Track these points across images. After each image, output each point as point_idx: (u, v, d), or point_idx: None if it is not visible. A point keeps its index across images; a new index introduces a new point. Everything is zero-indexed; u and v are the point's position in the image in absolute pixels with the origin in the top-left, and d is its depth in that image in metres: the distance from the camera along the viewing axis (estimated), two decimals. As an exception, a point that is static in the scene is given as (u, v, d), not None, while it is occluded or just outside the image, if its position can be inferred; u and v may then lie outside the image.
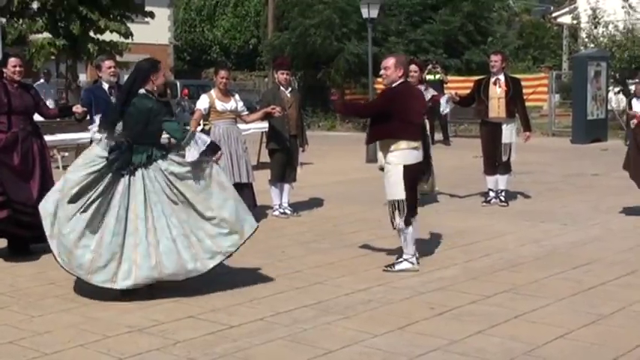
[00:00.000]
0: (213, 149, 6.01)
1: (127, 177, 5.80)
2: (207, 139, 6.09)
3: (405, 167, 6.45)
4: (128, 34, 18.53)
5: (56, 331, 5.02)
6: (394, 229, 6.60)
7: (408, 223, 6.52)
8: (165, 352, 4.61)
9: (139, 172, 5.82)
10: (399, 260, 6.60)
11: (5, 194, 6.95)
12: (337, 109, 9.43)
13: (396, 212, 6.49)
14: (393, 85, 6.58)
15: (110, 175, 5.79)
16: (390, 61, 6.61)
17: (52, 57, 19.87)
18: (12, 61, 7.19)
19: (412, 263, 6.56)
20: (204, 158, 5.90)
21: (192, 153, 5.81)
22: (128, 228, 5.72)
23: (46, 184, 7.23)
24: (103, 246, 5.67)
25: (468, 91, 10.11)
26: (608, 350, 4.54)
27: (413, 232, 6.60)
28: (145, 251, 5.66)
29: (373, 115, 6.86)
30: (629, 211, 9.16)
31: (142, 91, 6.03)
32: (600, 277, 6.25)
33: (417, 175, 6.69)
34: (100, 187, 5.77)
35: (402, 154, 6.47)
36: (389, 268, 6.56)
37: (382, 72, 6.69)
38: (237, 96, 9.02)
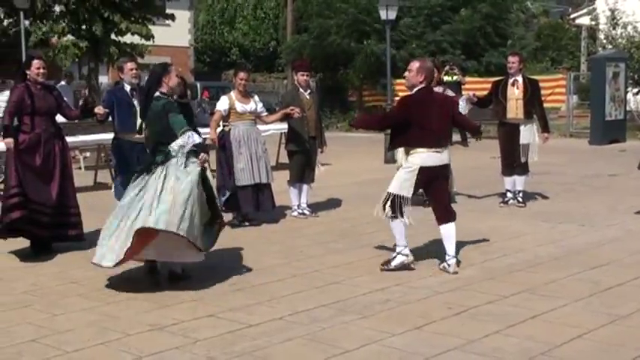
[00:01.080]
0: (199, 151, 6.22)
1: (146, 175, 6.16)
2: (199, 141, 6.28)
3: (422, 168, 6.45)
4: (149, 36, 18.60)
5: (78, 330, 5.05)
6: (383, 216, 6.54)
7: (395, 217, 6.51)
8: (185, 351, 4.63)
9: (158, 169, 6.13)
10: (393, 256, 6.60)
11: (24, 195, 7.00)
12: (356, 125, 9.42)
13: (389, 203, 6.47)
14: (413, 92, 6.58)
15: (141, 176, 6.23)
16: (414, 65, 6.64)
17: (76, 59, 20.01)
18: (36, 62, 7.21)
19: (406, 255, 6.56)
20: (192, 159, 6.18)
21: (176, 142, 6.12)
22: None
23: (66, 185, 7.30)
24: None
25: (485, 93, 10.06)
26: (627, 350, 4.50)
27: (402, 227, 6.54)
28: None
29: (392, 126, 6.88)
30: (647, 212, 9.10)
31: (157, 94, 6.33)
32: (618, 277, 6.20)
33: (433, 177, 6.65)
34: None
35: (420, 156, 6.48)
36: (385, 267, 6.56)
37: (406, 73, 6.71)
38: (256, 97, 9.03)
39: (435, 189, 6.68)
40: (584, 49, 29.61)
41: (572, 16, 32.52)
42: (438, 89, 8.79)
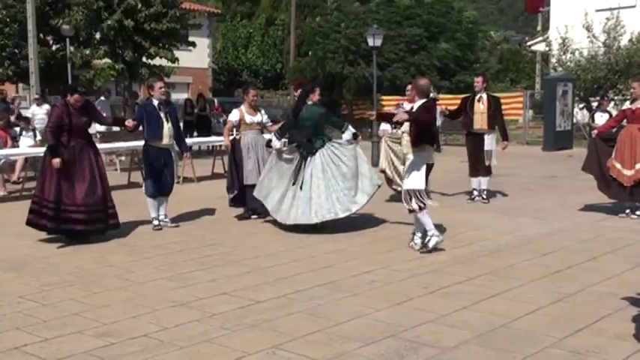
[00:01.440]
0: (355, 137, 7.99)
1: (308, 158, 7.66)
2: (352, 130, 8.06)
3: (427, 165, 6.67)
4: (174, 59, 18.58)
5: (113, 305, 5.04)
6: (410, 212, 6.67)
7: (422, 207, 6.60)
8: (203, 323, 4.61)
9: (317, 153, 7.66)
10: (428, 239, 6.63)
11: (57, 209, 7.03)
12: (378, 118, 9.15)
13: (413, 199, 6.59)
14: (427, 101, 6.77)
15: (297, 158, 7.74)
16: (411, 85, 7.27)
17: (112, 78, 20.00)
18: (76, 96, 7.25)
19: (437, 236, 6.63)
20: (352, 141, 7.89)
21: (348, 133, 7.98)
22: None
23: (102, 184, 7.31)
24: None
25: (456, 107, 10.05)
26: (573, 323, 4.49)
27: (428, 214, 6.65)
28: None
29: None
30: (589, 207, 9.09)
31: (309, 102, 7.88)
32: (565, 262, 6.20)
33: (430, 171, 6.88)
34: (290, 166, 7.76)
35: (427, 154, 6.66)
36: (424, 249, 6.64)
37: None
38: (262, 111, 9.01)
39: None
40: (539, 71, 29.61)
41: (528, 43, 32.47)
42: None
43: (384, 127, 9.80)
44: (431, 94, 6.94)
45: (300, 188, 7.63)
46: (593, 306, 4.87)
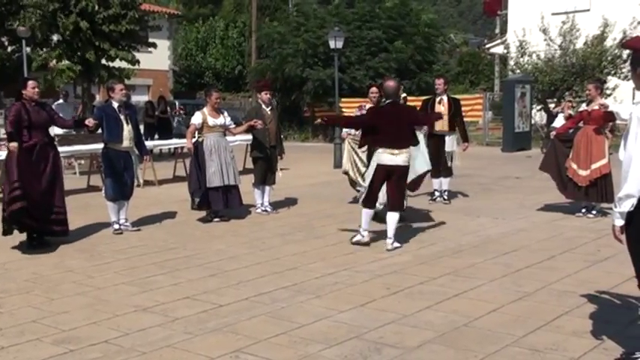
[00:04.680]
0: None
1: None
2: None
3: (378, 165, 6.75)
4: (134, 61, 18.37)
5: (73, 312, 4.94)
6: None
7: (364, 205, 6.89)
8: (166, 328, 4.55)
9: None
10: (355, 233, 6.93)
11: (23, 188, 6.84)
12: (327, 122, 9.20)
13: (363, 195, 6.95)
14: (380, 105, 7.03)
15: None
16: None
17: (71, 81, 19.67)
18: (30, 83, 7.15)
19: (362, 236, 6.88)
20: None
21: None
22: None
23: (55, 187, 7.17)
24: None
25: (417, 109, 10.12)
26: (533, 321, 4.56)
27: (367, 215, 6.90)
28: None
29: (358, 127, 7.50)
30: (548, 207, 9.25)
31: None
32: (525, 261, 6.29)
33: (386, 174, 6.82)
34: None
35: (377, 155, 6.79)
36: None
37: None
38: (225, 113, 8.96)
39: (388, 184, 6.89)
40: (498, 74, 30.08)
41: (487, 45, 32.95)
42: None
43: (347, 129, 9.81)
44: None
45: None
46: (551, 304, 4.95)
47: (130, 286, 5.60)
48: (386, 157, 6.75)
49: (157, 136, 18.57)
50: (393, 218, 6.81)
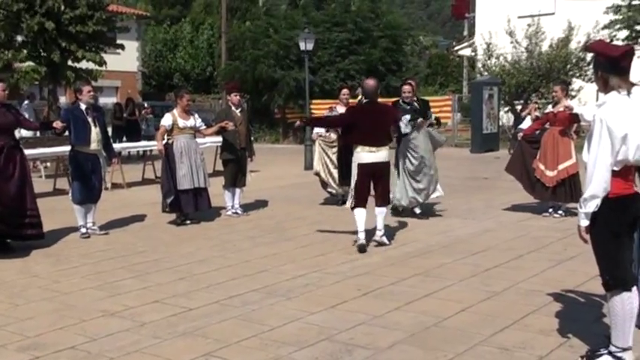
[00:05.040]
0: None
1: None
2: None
3: (359, 165, 6.84)
4: (102, 62, 18.16)
5: (38, 317, 4.85)
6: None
7: (354, 206, 6.92)
8: (134, 332, 4.50)
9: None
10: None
11: None
12: (307, 123, 9.40)
13: (350, 196, 7.12)
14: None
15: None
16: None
17: (36, 82, 19.36)
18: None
19: (356, 240, 6.91)
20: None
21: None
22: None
23: (25, 190, 7.03)
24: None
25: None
26: (502, 320, 4.61)
27: (359, 215, 6.89)
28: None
29: (338, 126, 7.75)
30: (515, 207, 9.37)
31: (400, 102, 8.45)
32: (494, 261, 6.36)
33: (370, 172, 6.91)
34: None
35: (356, 155, 6.87)
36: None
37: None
38: (196, 115, 8.92)
39: (373, 182, 7.00)
40: (466, 75, 30.40)
41: (456, 48, 33.30)
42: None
43: (318, 130, 9.83)
44: (359, 98, 7.20)
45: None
46: (519, 303, 5.01)
47: (97, 291, 5.52)
48: (365, 155, 6.85)
49: (125, 139, 18.37)
50: (382, 212, 7.04)
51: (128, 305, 5.09)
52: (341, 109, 9.73)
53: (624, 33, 18.89)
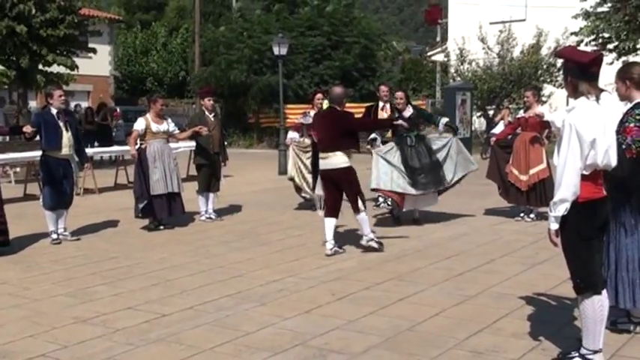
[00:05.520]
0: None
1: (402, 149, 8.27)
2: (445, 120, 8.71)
3: (319, 172, 6.97)
4: (73, 66, 17.96)
5: (8, 325, 4.77)
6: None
7: (324, 215, 6.93)
8: (106, 339, 4.44)
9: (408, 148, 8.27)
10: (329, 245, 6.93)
11: None
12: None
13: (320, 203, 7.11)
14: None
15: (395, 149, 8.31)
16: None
17: (5, 86, 19.07)
18: None
19: (326, 247, 6.84)
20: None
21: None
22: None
23: None
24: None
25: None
26: (475, 324, 4.65)
27: (327, 225, 6.87)
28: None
29: None
30: (488, 211, 9.46)
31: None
32: (467, 265, 6.41)
33: (328, 178, 6.93)
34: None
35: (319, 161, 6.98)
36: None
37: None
38: (169, 119, 8.86)
39: (341, 189, 6.97)
40: (439, 81, 30.61)
41: (429, 53, 33.53)
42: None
43: (292, 135, 9.83)
44: None
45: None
46: (492, 306, 5.06)
47: (68, 298, 5.45)
48: (320, 161, 6.95)
49: (96, 144, 18.18)
50: (360, 219, 6.96)
51: (100, 312, 5.03)
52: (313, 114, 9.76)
53: (592, 38, 19.21)
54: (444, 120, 8.69)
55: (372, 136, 8.76)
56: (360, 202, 6.90)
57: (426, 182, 8.35)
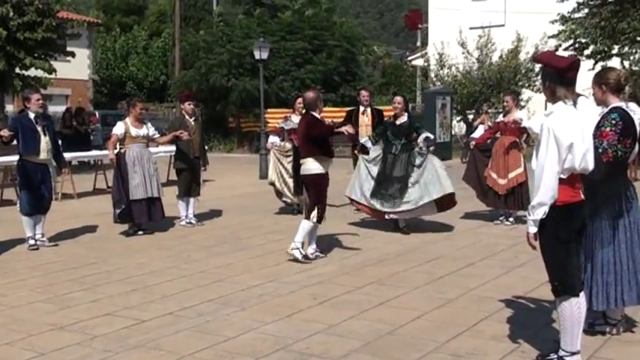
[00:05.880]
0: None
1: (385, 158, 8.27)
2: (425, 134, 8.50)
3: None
4: (51, 70, 17.79)
5: (-16, 332, 4.70)
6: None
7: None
8: (84, 346, 4.40)
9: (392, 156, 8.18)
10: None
11: None
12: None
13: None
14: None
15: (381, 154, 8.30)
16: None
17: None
18: None
19: (297, 248, 6.77)
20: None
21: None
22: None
23: None
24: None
25: (341, 119, 10.23)
26: (455, 327, 4.67)
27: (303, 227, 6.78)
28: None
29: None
30: (467, 215, 9.52)
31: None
32: (447, 268, 6.44)
33: (304, 185, 7.02)
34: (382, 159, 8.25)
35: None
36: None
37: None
38: (149, 124, 8.81)
39: None
40: (419, 85, 30.80)
41: (409, 58, 33.72)
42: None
43: (273, 139, 9.82)
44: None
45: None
46: (472, 310, 5.09)
47: (46, 304, 5.39)
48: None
49: (75, 148, 18.00)
50: (302, 224, 6.79)
51: (78, 318, 4.98)
52: (296, 119, 9.76)
53: (569, 43, 19.44)
54: (425, 135, 8.40)
55: (363, 139, 8.68)
56: (314, 212, 6.72)
57: (385, 195, 8.10)
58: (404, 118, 8.45)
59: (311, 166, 6.76)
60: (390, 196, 8.11)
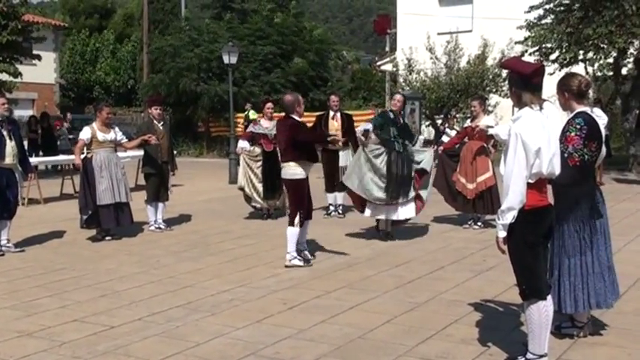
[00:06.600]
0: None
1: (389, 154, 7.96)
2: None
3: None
4: (17, 74, 17.51)
5: (-52, 340, 4.59)
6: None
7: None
8: (52, 353, 4.32)
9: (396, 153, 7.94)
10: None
11: None
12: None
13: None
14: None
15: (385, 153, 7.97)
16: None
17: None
18: None
19: (297, 259, 6.76)
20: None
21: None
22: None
23: None
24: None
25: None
26: (425, 331, 4.70)
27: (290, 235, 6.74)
28: None
29: None
30: (437, 219, 9.60)
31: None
32: (417, 272, 6.48)
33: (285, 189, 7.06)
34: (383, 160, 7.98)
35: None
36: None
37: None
38: (116, 128, 8.71)
39: None
40: (388, 90, 30.94)
41: (378, 63, 33.83)
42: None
43: (243, 144, 9.79)
44: None
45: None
46: (441, 313, 5.13)
47: (12, 311, 5.28)
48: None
49: (41, 153, 17.73)
50: (288, 232, 6.77)
51: (46, 325, 4.89)
52: (265, 123, 9.76)
53: (535, 49, 19.75)
54: (422, 137, 8.80)
55: (365, 127, 8.52)
56: (297, 217, 6.70)
57: (393, 191, 7.99)
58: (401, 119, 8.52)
59: (294, 170, 6.72)
60: (395, 194, 7.99)
